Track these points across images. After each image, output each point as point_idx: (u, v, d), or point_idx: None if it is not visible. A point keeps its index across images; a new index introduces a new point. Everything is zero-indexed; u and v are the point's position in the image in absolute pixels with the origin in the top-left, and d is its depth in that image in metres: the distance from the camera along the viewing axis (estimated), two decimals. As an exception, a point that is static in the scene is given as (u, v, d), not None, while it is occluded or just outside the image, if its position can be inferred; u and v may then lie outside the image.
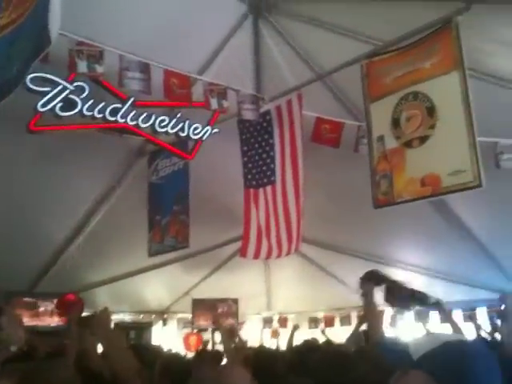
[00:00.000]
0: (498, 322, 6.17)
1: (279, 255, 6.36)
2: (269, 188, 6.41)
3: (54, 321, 9.06)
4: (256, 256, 6.54)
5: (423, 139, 4.56)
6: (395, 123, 4.82)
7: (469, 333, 6.13)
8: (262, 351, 4.72)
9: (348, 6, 5.36)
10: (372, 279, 3.11)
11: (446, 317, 5.03)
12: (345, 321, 10.84)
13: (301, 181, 6.07)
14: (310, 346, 4.93)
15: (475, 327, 6.90)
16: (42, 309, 9.07)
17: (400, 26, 5.03)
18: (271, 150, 6.40)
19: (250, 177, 6.61)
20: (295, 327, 7.70)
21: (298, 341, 6.46)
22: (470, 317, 8.43)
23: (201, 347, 9.76)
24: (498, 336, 5.54)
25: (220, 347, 8.75)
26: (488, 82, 5.55)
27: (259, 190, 6.52)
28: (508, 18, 4.61)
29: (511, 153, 6.16)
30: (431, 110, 4.53)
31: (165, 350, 6.77)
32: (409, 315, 8.80)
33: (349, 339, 5.44)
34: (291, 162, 6.18)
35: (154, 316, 11.09)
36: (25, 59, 2.23)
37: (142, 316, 10.83)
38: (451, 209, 7.78)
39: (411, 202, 4.83)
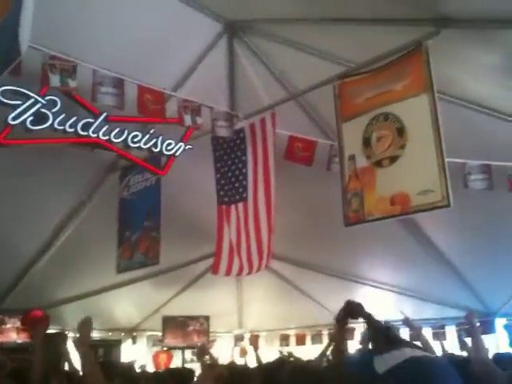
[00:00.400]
0: (466, 339, 6.24)
1: (250, 272, 6.35)
2: (240, 205, 6.42)
3: (21, 337, 8.83)
4: (227, 273, 6.51)
5: (393, 159, 4.63)
6: (366, 143, 4.90)
7: (438, 350, 6.19)
8: (234, 368, 4.68)
9: (321, 28, 5.45)
10: (349, 313, 3.07)
11: (416, 334, 5.12)
12: (316, 339, 10.82)
13: (272, 198, 6.10)
14: (280, 361, 4.92)
15: (441, 345, 6.99)
16: (8, 325, 8.84)
17: (372, 48, 5.14)
18: (244, 167, 6.42)
19: (222, 193, 6.62)
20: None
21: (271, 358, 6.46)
22: (439, 334, 8.54)
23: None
24: (465, 353, 5.60)
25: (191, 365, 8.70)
26: (457, 104, 5.71)
27: (231, 207, 6.52)
28: (476, 43, 4.75)
29: (479, 173, 6.31)
30: (401, 131, 4.61)
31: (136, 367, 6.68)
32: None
33: (319, 356, 5.46)
34: (263, 180, 6.21)
35: (123, 334, 10.91)
36: None
37: (110, 333, 10.63)
38: (421, 228, 7.91)
39: (382, 221, 4.90)
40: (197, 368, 5.33)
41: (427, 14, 4.58)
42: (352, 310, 2.96)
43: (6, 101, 4.84)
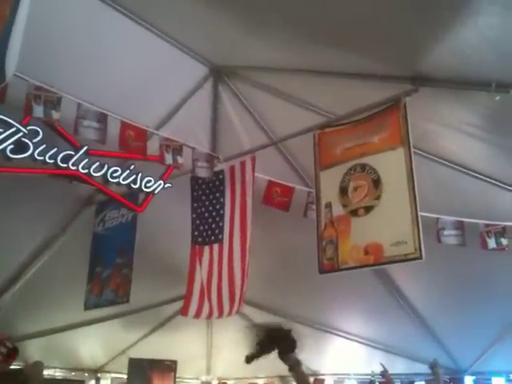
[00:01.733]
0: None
1: (220, 316, 6.25)
2: (215, 246, 6.38)
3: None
4: (197, 315, 6.39)
5: (368, 209, 4.71)
6: (343, 191, 4.98)
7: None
8: None
9: (305, 78, 5.60)
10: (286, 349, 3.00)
11: None
12: (284, 388, 10.59)
13: (248, 241, 6.09)
14: None
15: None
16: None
17: (352, 101, 5.30)
18: (221, 209, 6.43)
19: (197, 233, 6.58)
20: None
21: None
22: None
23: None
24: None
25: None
26: (432, 160, 5.85)
27: (205, 248, 6.48)
28: (452, 102, 4.93)
29: (452, 229, 6.41)
30: (377, 182, 4.71)
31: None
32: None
33: None
34: (240, 222, 6.21)
35: (86, 374, 10.55)
36: None
37: (74, 373, 10.28)
38: (394, 281, 7.95)
39: (356, 271, 4.93)
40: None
41: (407, 72, 4.77)
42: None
43: (-14, 128, 4.83)
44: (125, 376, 10.42)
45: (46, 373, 9.65)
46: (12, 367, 7.88)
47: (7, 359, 5.11)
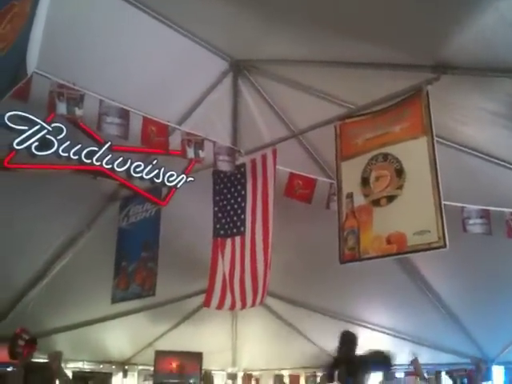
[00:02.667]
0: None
1: (243, 307, 6.28)
2: (237, 238, 6.41)
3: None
4: (220, 306, 6.44)
5: (391, 198, 4.68)
6: (364, 182, 4.96)
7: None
8: None
9: (325, 70, 5.57)
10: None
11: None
12: (310, 380, 10.64)
13: (270, 233, 6.09)
14: None
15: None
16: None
17: (373, 91, 5.27)
18: (243, 201, 6.45)
19: (219, 226, 6.62)
20: None
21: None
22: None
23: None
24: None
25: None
26: (456, 149, 5.79)
27: (227, 240, 6.52)
28: (475, 90, 4.86)
29: (477, 218, 6.36)
30: (400, 172, 4.68)
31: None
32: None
33: None
34: (262, 215, 6.22)
35: (114, 366, 10.73)
36: (1, 91, 2.28)
37: (101, 366, 10.47)
38: (419, 271, 7.91)
39: (378, 261, 4.92)
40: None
41: (427, 61, 4.71)
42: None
43: (12, 125, 4.92)
44: (151, 368, 10.57)
45: (75, 366, 9.88)
46: (37, 361, 8.10)
47: (28, 350, 5.22)
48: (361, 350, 5.25)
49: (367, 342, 9.63)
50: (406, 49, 4.71)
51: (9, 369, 8.35)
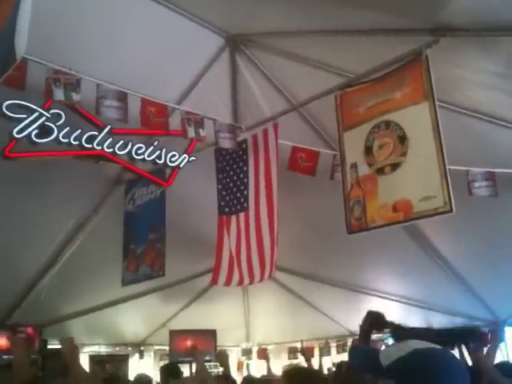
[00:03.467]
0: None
1: (251, 282, 6.32)
2: (241, 215, 6.42)
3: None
4: (227, 283, 6.49)
5: (395, 166, 4.65)
6: (368, 151, 4.92)
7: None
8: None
9: (321, 40, 5.50)
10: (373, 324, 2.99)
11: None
12: (324, 351, 10.75)
13: (275, 208, 6.09)
14: None
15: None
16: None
17: (371, 58, 5.19)
18: (245, 177, 6.44)
19: (223, 204, 6.64)
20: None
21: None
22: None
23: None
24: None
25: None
26: (458, 113, 5.73)
27: (232, 217, 6.53)
28: (475, 51, 4.79)
29: (483, 181, 6.33)
30: (403, 138, 4.63)
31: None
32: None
33: None
34: (265, 190, 6.21)
35: (130, 348, 10.88)
36: None
37: (118, 348, 10.61)
38: (427, 237, 7.90)
39: (386, 229, 4.91)
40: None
41: (426, 24, 4.62)
42: (377, 323, 2.89)
43: (10, 114, 4.88)
44: (167, 347, 10.71)
45: (91, 349, 10.03)
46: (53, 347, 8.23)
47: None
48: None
49: (379, 310, 9.77)
50: (404, 13, 4.63)
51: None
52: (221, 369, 6.64)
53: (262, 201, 6.21)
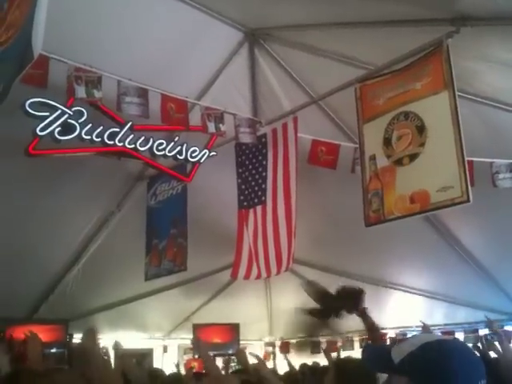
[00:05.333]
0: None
1: (268, 275, 6.36)
2: (259, 208, 6.46)
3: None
4: (246, 276, 6.54)
5: (413, 157, 4.61)
6: (387, 142, 4.89)
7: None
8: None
9: (340, 32, 5.48)
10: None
11: None
12: (347, 345, 10.71)
13: (293, 201, 6.08)
14: None
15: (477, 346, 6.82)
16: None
17: (391, 50, 5.15)
18: (264, 171, 6.47)
19: (242, 198, 6.69)
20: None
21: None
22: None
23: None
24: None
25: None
26: (480, 103, 5.64)
27: (250, 211, 6.57)
28: (496, 40, 4.71)
29: (507, 172, 6.24)
30: (421, 129, 4.59)
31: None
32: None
33: None
34: (283, 183, 6.21)
35: (154, 342, 11.00)
36: (10, 77, 2.31)
37: (142, 342, 10.73)
38: (450, 230, 7.81)
39: (407, 222, 4.88)
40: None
41: (446, 14, 4.57)
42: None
43: (33, 112, 4.98)
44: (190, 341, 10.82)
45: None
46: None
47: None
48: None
49: (402, 304, 9.71)
50: (424, 3, 4.58)
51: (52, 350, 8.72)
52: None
53: (280, 194, 6.22)
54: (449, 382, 1.48)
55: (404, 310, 9.79)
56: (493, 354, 4.81)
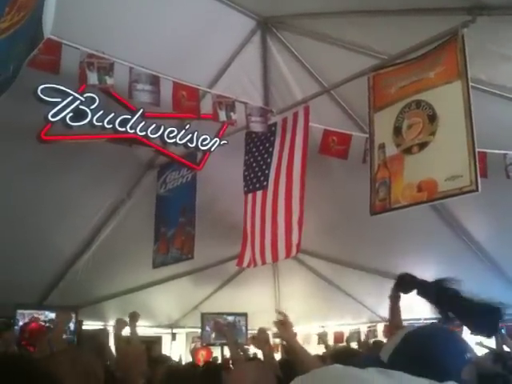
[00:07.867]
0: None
1: (263, 262, 6.32)
2: (259, 193, 6.43)
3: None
4: (250, 264, 6.52)
5: (422, 145, 4.55)
6: (397, 131, 4.83)
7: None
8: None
9: (353, 21, 5.42)
10: (400, 286, 3.04)
11: None
12: (354, 337, 10.73)
13: (298, 190, 6.01)
14: None
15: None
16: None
17: (405, 39, 5.09)
18: (269, 158, 6.43)
19: (247, 183, 6.67)
20: None
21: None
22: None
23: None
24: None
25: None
26: (496, 95, 5.57)
27: (253, 196, 6.54)
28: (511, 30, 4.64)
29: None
30: (432, 118, 4.53)
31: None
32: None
33: None
34: (286, 170, 6.15)
35: (162, 330, 11.08)
36: (20, 58, 2.31)
37: (150, 330, 10.82)
38: (462, 224, 7.76)
39: (418, 215, 4.86)
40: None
41: (462, 3, 4.50)
42: (403, 283, 2.92)
43: (46, 98, 4.99)
44: (199, 330, 10.87)
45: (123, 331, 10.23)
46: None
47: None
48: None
49: (410, 296, 9.67)
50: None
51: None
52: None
53: (282, 181, 6.17)
54: (437, 362, 1.51)
55: (413, 302, 9.76)
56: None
